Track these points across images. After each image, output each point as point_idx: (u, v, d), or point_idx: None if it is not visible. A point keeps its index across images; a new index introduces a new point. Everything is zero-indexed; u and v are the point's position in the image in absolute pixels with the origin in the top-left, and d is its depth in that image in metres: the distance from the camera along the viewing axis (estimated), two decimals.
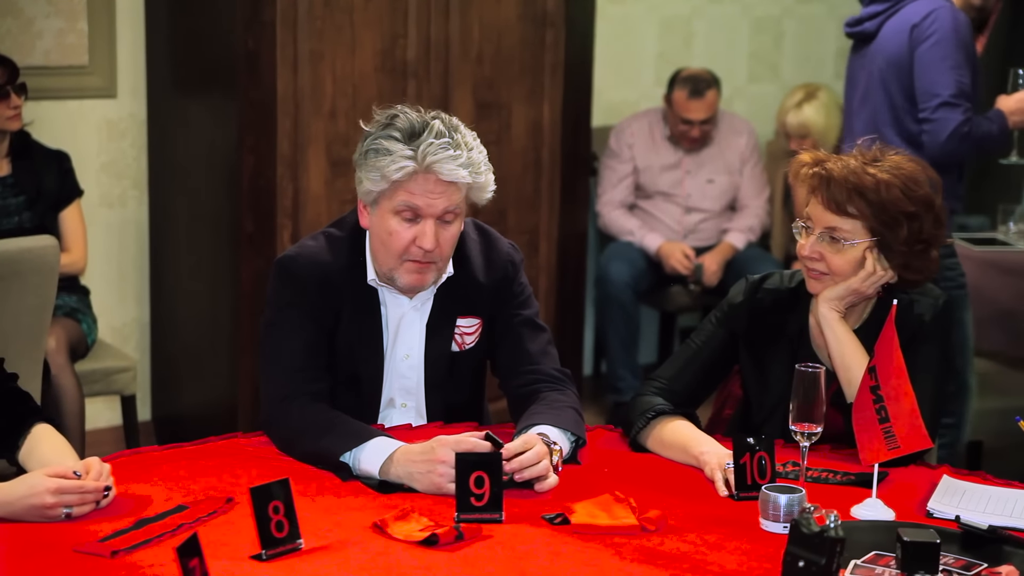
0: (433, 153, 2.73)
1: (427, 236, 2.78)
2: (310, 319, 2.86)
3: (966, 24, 4.23)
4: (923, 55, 4.19)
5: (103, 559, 2.23)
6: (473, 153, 2.79)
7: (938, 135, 4.14)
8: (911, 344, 2.76)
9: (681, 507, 2.54)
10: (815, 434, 2.56)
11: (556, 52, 5.08)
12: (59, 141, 4.68)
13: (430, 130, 2.75)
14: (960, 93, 4.15)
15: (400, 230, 2.80)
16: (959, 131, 4.12)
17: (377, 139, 2.79)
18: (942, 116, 4.13)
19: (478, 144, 2.83)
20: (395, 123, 2.79)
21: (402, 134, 2.76)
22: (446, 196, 2.78)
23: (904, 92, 4.24)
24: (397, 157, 2.74)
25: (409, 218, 2.79)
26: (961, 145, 4.14)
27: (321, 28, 4.53)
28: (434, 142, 2.74)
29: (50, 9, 4.79)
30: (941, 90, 4.14)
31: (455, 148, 2.75)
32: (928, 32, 4.18)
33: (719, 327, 2.99)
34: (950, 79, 4.14)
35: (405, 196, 2.77)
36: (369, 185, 2.80)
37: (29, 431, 2.63)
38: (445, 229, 2.81)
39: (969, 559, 2.30)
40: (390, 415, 2.98)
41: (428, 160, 2.73)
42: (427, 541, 2.33)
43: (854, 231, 2.81)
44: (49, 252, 3.76)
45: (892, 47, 4.26)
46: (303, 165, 4.58)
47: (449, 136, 2.76)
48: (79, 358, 4.48)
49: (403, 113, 2.81)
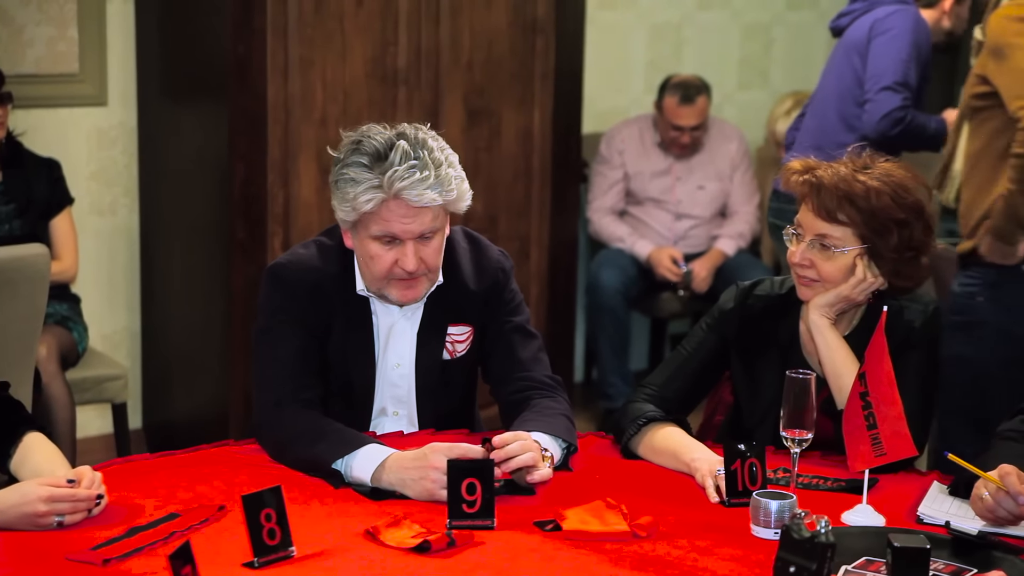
0: (400, 179, 2.70)
1: (408, 258, 2.78)
2: (301, 326, 2.86)
3: (926, 31, 4.45)
4: (878, 45, 4.43)
5: (95, 567, 2.23)
6: (442, 170, 2.74)
7: (874, 114, 4.36)
8: (901, 350, 2.77)
9: (672, 513, 2.54)
10: (806, 440, 2.57)
11: (546, 59, 5.09)
12: (50, 149, 4.67)
13: (395, 151, 2.72)
14: (904, 83, 4.37)
15: (381, 253, 2.79)
16: (894, 114, 4.33)
17: (345, 168, 2.76)
18: (882, 98, 4.35)
19: (447, 156, 2.78)
20: (361, 147, 2.76)
21: (369, 159, 2.73)
22: (419, 220, 2.76)
23: (855, 77, 4.47)
24: (365, 189, 2.72)
25: (388, 241, 2.79)
26: (893, 128, 4.34)
27: (311, 35, 4.53)
28: (399, 169, 2.70)
29: (41, 17, 4.78)
30: (887, 76, 4.36)
31: (422, 170, 2.71)
32: (887, 27, 4.42)
33: (710, 333, 3.00)
34: (898, 69, 4.37)
35: (380, 224, 2.76)
36: (343, 215, 2.80)
37: (21, 440, 2.63)
38: (426, 245, 2.80)
39: (959, 565, 2.31)
40: (382, 423, 2.98)
41: (396, 187, 2.71)
42: (419, 548, 2.33)
43: (844, 238, 2.82)
44: (40, 260, 3.75)
45: (855, 37, 4.52)
46: (294, 172, 4.58)
47: (415, 156, 2.72)
48: (70, 366, 4.47)
49: (367, 138, 2.77)
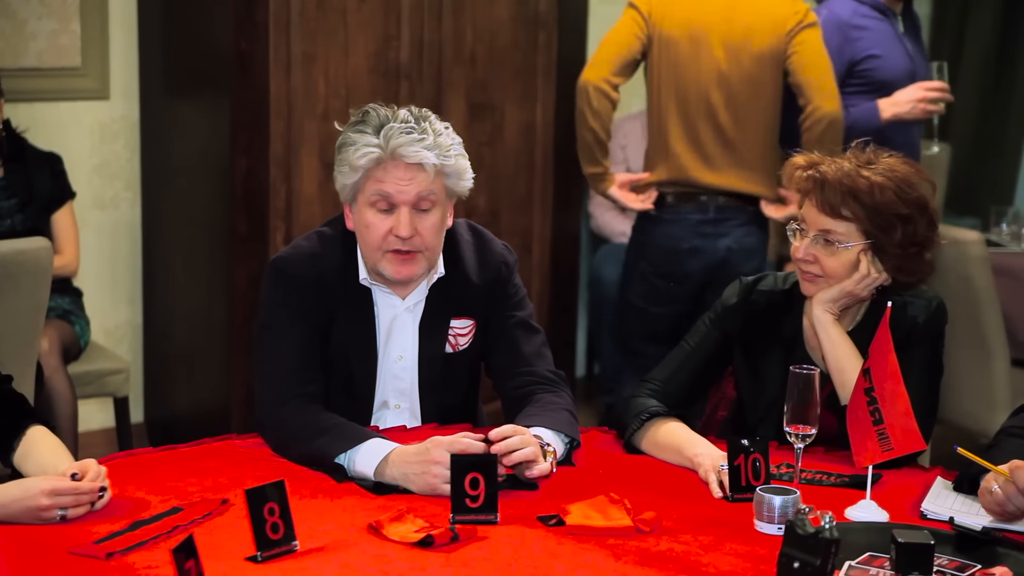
0: (396, 137, 2.75)
1: (403, 224, 2.79)
2: (304, 320, 2.86)
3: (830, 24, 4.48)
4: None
5: (98, 561, 2.23)
6: (441, 138, 2.80)
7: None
8: (905, 346, 2.77)
9: (676, 508, 2.54)
10: (809, 436, 2.56)
11: (549, 53, 5.08)
12: (52, 143, 4.67)
13: (395, 118, 2.79)
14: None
15: (376, 222, 2.81)
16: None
17: (347, 134, 2.83)
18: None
19: (449, 131, 2.84)
20: (365, 119, 2.82)
21: (371, 127, 2.79)
22: (416, 182, 2.78)
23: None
24: (362, 146, 2.77)
25: (384, 208, 2.80)
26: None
27: (314, 29, 4.53)
28: (396, 126, 2.77)
29: (43, 11, 4.78)
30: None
31: (420, 132, 2.77)
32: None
33: (713, 329, 3.00)
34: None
35: (375, 185, 2.79)
36: (342, 179, 2.83)
37: (24, 433, 2.63)
38: (423, 218, 2.81)
39: (963, 560, 2.31)
40: (384, 417, 2.97)
41: (392, 144, 2.75)
42: (422, 542, 2.33)
43: (848, 234, 2.82)
44: (42, 254, 3.75)
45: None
46: (296, 166, 4.58)
47: (415, 123, 2.79)
48: (72, 360, 4.47)
49: (374, 109, 2.84)
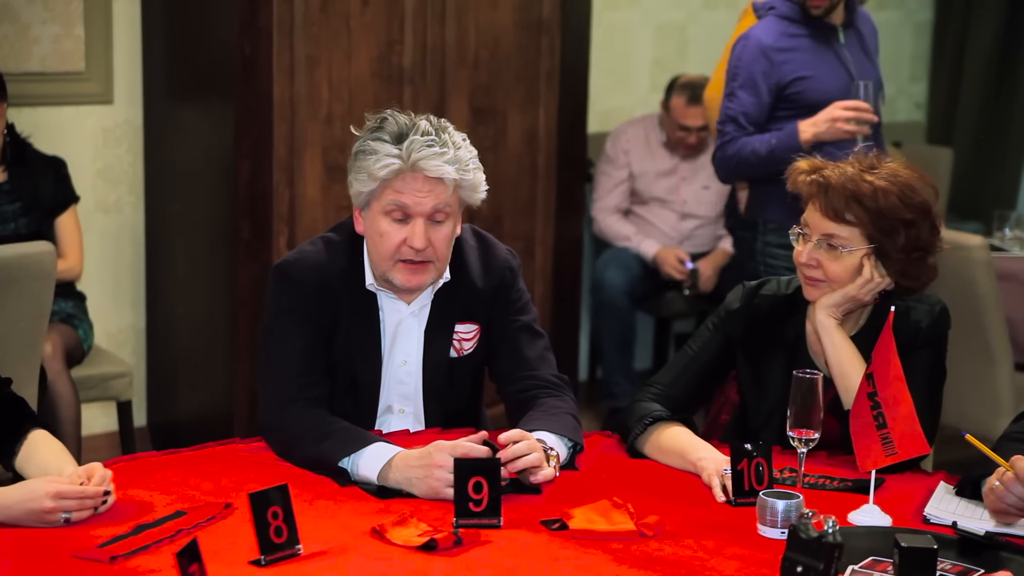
0: (418, 150, 2.75)
1: (417, 236, 2.79)
2: (308, 324, 2.86)
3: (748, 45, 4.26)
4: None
5: (102, 564, 2.23)
6: (461, 152, 2.81)
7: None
8: (908, 350, 2.77)
9: (679, 513, 2.54)
10: (812, 440, 2.57)
11: (552, 58, 5.08)
12: (55, 147, 4.67)
13: (416, 130, 2.78)
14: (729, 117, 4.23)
15: (391, 231, 2.81)
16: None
17: (366, 142, 2.82)
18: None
19: (467, 144, 2.85)
20: (384, 126, 2.82)
21: (390, 136, 2.79)
22: (434, 194, 2.79)
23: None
24: (383, 156, 2.77)
25: (399, 218, 2.80)
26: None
27: (317, 34, 4.53)
28: (418, 139, 2.76)
29: (47, 15, 4.79)
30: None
31: (441, 146, 2.77)
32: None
33: (716, 333, 3.00)
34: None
35: (393, 195, 2.79)
36: (359, 186, 2.83)
37: (26, 437, 2.63)
38: (437, 229, 2.82)
39: (966, 565, 2.31)
40: (388, 421, 2.98)
41: (414, 157, 2.75)
42: (426, 546, 2.33)
43: (852, 238, 2.82)
44: (45, 258, 3.76)
45: None
46: (299, 171, 4.58)
47: (436, 135, 2.79)
48: (75, 364, 4.47)
49: (392, 116, 2.83)
